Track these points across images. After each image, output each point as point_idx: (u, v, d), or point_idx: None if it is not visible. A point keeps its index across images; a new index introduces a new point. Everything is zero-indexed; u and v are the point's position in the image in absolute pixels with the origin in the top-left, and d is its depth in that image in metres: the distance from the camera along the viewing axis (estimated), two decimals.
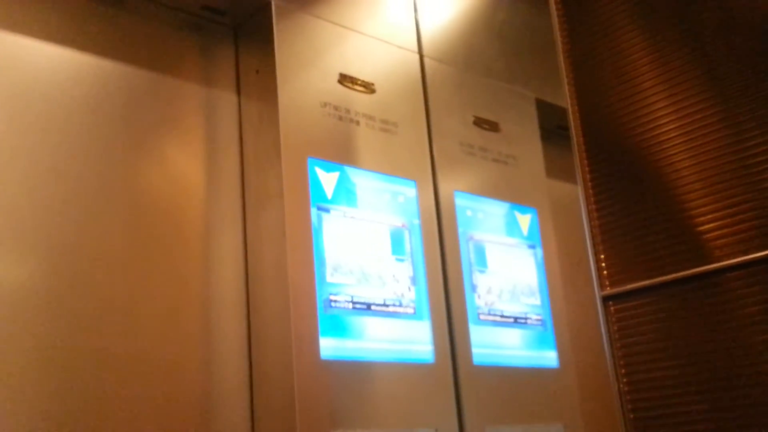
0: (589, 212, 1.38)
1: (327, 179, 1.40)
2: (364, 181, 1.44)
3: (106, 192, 1.28)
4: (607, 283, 1.33)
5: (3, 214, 1.16)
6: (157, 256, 1.31)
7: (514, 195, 1.75)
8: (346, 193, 1.41)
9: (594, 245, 1.34)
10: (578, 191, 1.57)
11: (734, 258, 1.24)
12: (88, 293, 1.21)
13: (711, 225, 1.29)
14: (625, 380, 1.35)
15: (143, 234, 1.30)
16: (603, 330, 1.28)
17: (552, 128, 1.96)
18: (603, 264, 1.34)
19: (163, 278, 1.30)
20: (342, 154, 1.44)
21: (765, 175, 1.21)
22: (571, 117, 1.38)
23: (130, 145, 1.33)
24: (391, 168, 1.51)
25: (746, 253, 1.24)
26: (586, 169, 1.40)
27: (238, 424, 1.30)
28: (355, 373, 1.31)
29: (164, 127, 1.38)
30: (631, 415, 1.32)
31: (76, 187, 1.24)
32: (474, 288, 1.59)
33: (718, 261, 1.27)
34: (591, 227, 1.34)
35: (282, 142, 1.35)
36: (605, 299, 1.32)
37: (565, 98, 1.36)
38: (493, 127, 1.77)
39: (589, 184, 1.37)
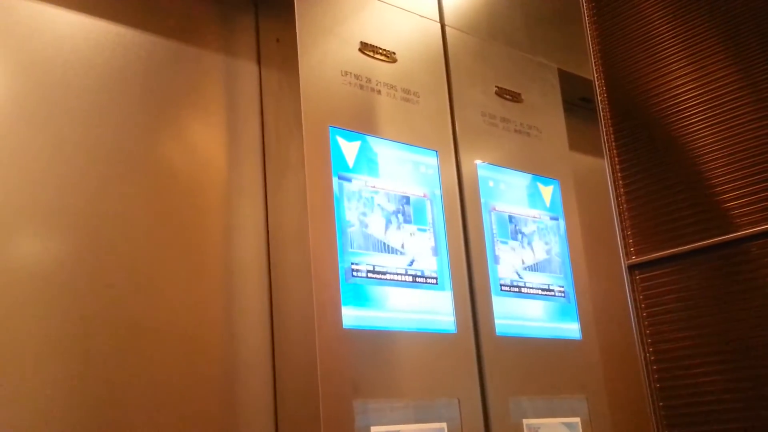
0: (614, 182, 1.33)
1: (348, 148, 1.38)
2: (385, 150, 1.42)
3: (128, 161, 1.28)
4: (633, 251, 1.29)
5: (25, 184, 1.17)
6: (179, 226, 1.31)
7: (536, 166, 1.74)
8: (367, 162, 1.39)
9: (620, 214, 1.29)
10: (603, 162, 1.53)
11: (758, 226, 1.20)
12: (112, 263, 1.22)
13: (734, 194, 1.27)
14: (650, 349, 1.31)
15: (164, 203, 1.30)
16: (629, 298, 1.24)
17: (573, 100, 1.94)
18: (629, 233, 1.29)
19: (185, 248, 1.31)
20: (363, 123, 1.42)
21: None
22: (596, 88, 1.34)
23: (151, 114, 1.33)
24: (413, 138, 1.49)
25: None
26: (612, 138, 1.35)
27: (261, 392, 1.31)
28: (377, 342, 1.30)
29: (185, 96, 1.38)
30: (657, 384, 1.27)
31: (97, 156, 1.24)
32: (496, 259, 1.56)
33: (742, 229, 1.24)
34: (617, 196, 1.30)
35: (303, 111, 1.34)
36: (631, 268, 1.28)
37: (590, 69, 1.31)
38: (515, 97, 1.75)
39: (615, 152, 1.32)
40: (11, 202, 1.15)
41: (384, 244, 1.37)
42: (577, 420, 1.56)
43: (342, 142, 1.37)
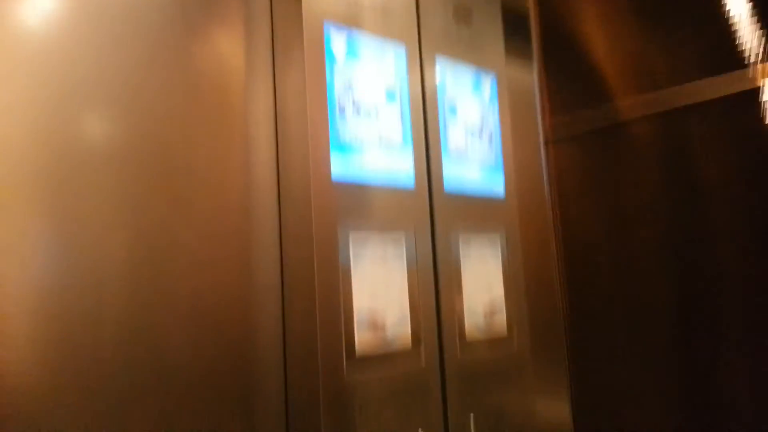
0: (540, 83, 1.47)
1: (338, 41, 1.39)
2: (365, 45, 1.42)
3: (166, 64, 1.30)
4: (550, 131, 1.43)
5: (90, 76, 1.19)
6: (209, 107, 1.33)
7: (478, 60, 1.71)
8: (351, 52, 1.40)
9: (542, 105, 1.44)
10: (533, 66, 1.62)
11: (632, 114, 1.27)
12: (151, 146, 1.24)
13: (618, 94, 1.33)
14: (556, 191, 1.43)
15: (197, 92, 1.32)
16: (543, 165, 1.40)
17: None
18: (547, 114, 1.43)
19: (213, 123, 1.33)
20: (350, 19, 1.42)
21: None
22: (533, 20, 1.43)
23: (184, 26, 1.33)
24: (387, 33, 1.47)
25: (645, 109, 1.27)
26: (540, 52, 1.47)
27: (269, 218, 1.35)
28: (355, 192, 1.36)
29: (209, 10, 1.37)
30: (560, 225, 1.44)
31: (142, 62, 1.26)
32: (446, 128, 1.59)
33: (620, 118, 1.29)
34: (540, 93, 1.44)
35: (303, 13, 1.34)
36: (546, 143, 1.43)
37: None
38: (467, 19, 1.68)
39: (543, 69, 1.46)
40: (82, 90, 1.18)
41: (364, 114, 1.39)
42: (498, 250, 1.63)
43: (333, 35, 1.38)
